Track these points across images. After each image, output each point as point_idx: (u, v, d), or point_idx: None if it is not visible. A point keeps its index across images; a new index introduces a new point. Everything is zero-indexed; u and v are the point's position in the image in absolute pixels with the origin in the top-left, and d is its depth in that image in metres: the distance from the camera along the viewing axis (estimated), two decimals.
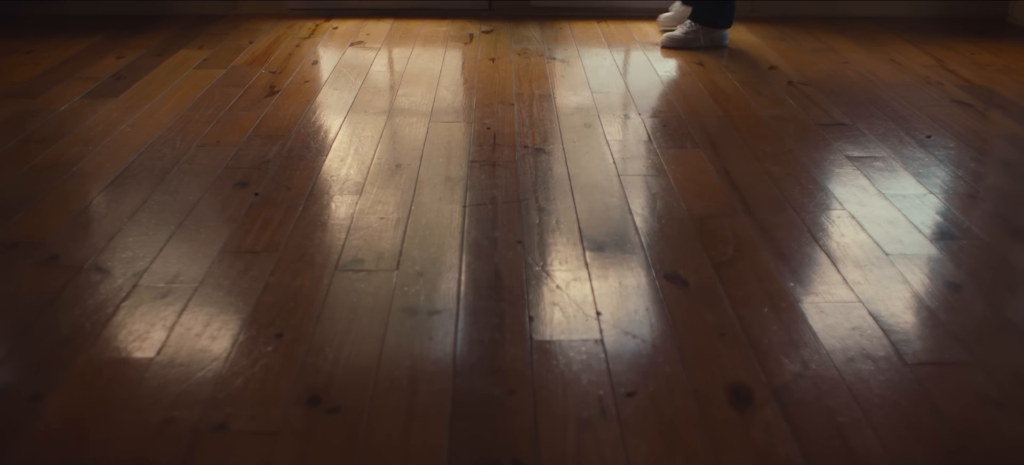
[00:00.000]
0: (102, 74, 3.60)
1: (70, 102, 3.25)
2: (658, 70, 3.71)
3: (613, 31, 4.34)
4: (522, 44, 4.06)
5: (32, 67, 3.70)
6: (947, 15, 4.78)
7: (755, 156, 2.76)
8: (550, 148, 2.80)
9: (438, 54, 3.90)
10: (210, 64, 3.73)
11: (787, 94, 3.41)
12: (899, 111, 3.25)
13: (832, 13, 4.72)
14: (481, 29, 4.32)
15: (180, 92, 3.36)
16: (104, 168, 2.66)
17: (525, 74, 3.60)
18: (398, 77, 3.58)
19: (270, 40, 4.10)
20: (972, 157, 2.85)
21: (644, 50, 4.04)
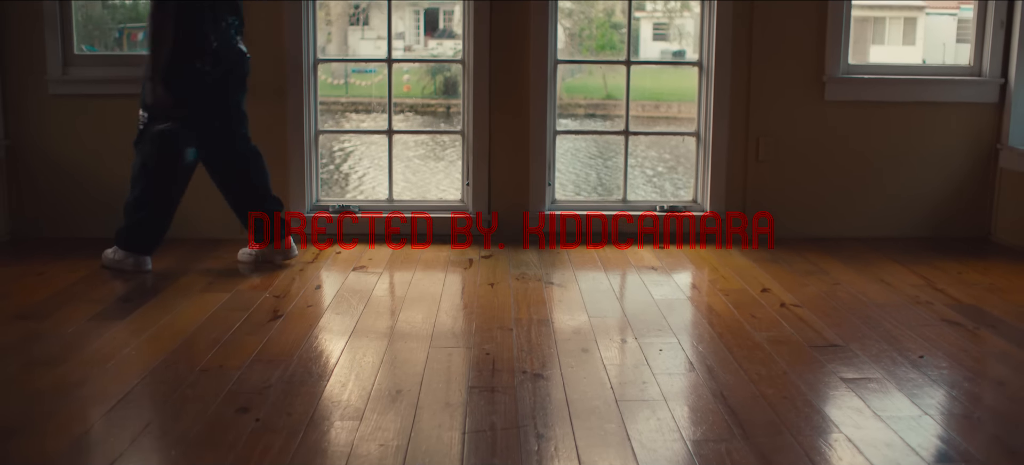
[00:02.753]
0: (109, 296, 3.68)
1: (77, 324, 3.31)
2: (653, 294, 3.80)
3: (609, 255, 4.46)
4: (520, 269, 4.17)
5: (41, 289, 3.78)
6: (933, 235, 4.92)
7: (750, 379, 2.80)
8: (548, 373, 2.84)
9: (438, 279, 4.00)
10: (216, 288, 3.81)
11: (780, 316, 3.48)
12: (891, 331, 3.31)
13: (821, 235, 4.86)
14: (480, 254, 4.44)
15: (185, 315, 3.42)
16: (107, 391, 2.68)
17: (523, 299, 3.68)
18: (399, 302, 3.65)
19: (275, 264, 4.21)
20: (966, 377, 2.88)
21: (640, 273, 4.14)
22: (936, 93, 4.85)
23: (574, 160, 7.74)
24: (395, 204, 4.89)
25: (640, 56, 6.29)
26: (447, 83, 9.07)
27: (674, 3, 8.17)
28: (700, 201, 4.90)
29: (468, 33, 4.70)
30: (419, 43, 9.90)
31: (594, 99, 8.58)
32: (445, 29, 9.80)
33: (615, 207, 4.91)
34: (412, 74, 9.33)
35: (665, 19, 8.74)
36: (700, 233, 4.82)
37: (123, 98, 4.58)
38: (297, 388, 2.70)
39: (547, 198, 4.81)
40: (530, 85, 4.70)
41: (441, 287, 3.85)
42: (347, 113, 9.14)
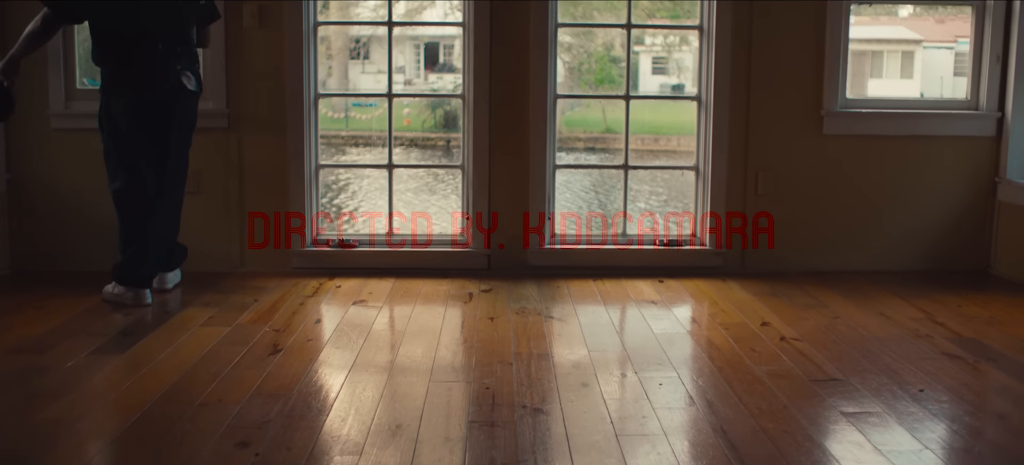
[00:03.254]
0: (110, 330, 3.68)
1: (77, 358, 3.31)
2: (653, 328, 3.80)
3: (609, 289, 4.47)
4: (520, 303, 4.17)
5: (42, 322, 3.79)
6: (932, 268, 4.92)
7: (751, 413, 2.80)
8: (548, 408, 2.83)
9: (438, 312, 4.00)
10: (215, 321, 3.81)
11: (780, 350, 3.48)
12: (891, 365, 3.31)
13: (821, 268, 4.87)
14: (480, 288, 4.45)
15: (185, 349, 3.42)
16: (106, 426, 2.68)
17: (523, 333, 3.68)
18: (399, 336, 3.66)
19: (275, 298, 4.21)
20: (966, 411, 2.88)
21: (639, 307, 4.14)
22: (933, 127, 4.87)
23: (573, 193, 7.77)
24: (395, 237, 4.90)
25: (639, 90, 6.32)
26: (447, 117, 9.11)
27: (673, 37, 8.22)
28: (699, 235, 4.91)
29: (468, 67, 4.73)
30: (419, 77, 9.95)
31: (594, 133, 8.61)
32: (445, 63, 9.86)
33: (614, 241, 4.92)
34: (412, 108, 9.37)
35: (664, 53, 8.79)
36: (699, 266, 4.83)
37: None
38: (297, 423, 2.70)
39: (546, 232, 4.83)
40: (530, 119, 4.73)
41: (441, 321, 3.85)
42: (347, 146, 9.17)
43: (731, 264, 4.86)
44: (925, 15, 9.03)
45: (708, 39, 4.77)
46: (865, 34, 9.44)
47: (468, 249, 4.81)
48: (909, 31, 9.66)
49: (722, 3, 4.68)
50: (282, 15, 4.61)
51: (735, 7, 4.70)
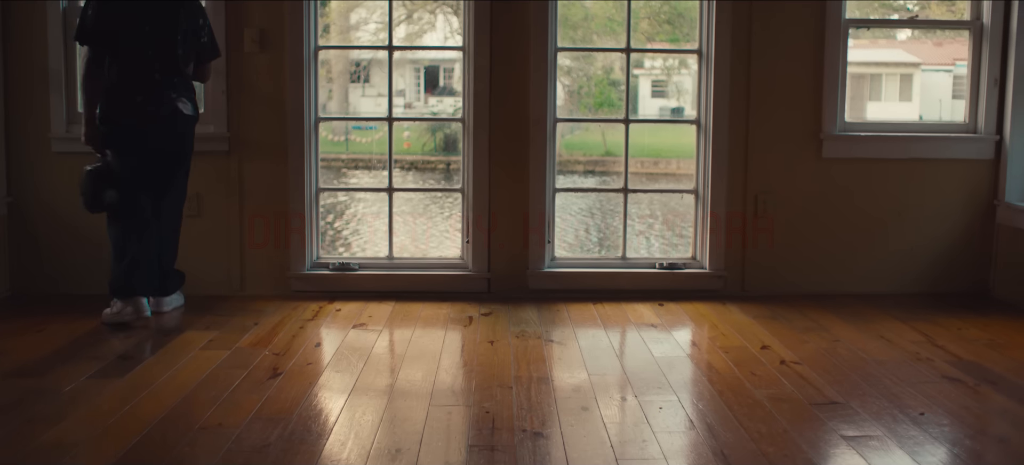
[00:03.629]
0: (110, 354, 3.68)
1: (76, 382, 3.30)
2: (653, 351, 3.80)
3: (609, 313, 4.47)
4: (520, 326, 4.17)
5: (42, 345, 3.78)
6: (932, 291, 4.92)
7: (751, 437, 2.79)
8: (548, 432, 2.83)
9: (438, 336, 4.00)
10: (215, 345, 3.81)
11: (780, 373, 3.48)
12: (891, 388, 3.30)
13: (821, 292, 4.87)
14: (480, 311, 4.45)
15: (185, 373, 3.42)
16: (106, 450, 2.68)
17: (523, 356, 3.68)
18: (399, 359, 3.65)
19: (275, 321, 4.21)
20: (967, 434, 2.88)
21: (639, 331, 4.14)
22: (932, 150, 4.89)
23: (573, 216, 7.77)
24: (395, 261, 4.91)
25: (639, 113, 6.35)
26: (447, 139, 9.13)
27: (672, 61, 8.25)
28: (699, 258, 4.92)
29: (468, 91, 4.75)
30: (419, 100, 9.98)
31: (593, 156, 8.63)
32: (445, 86, 9.89)
33: (614, 264, 4.92)
34: (412, 131, 9.40)
35: (663, 76, 8.82)
36: (699, 290, 4.83)
37: None
38: (296, 447, 2.69)
39: (547, 255, 4.83)
40: (529, 143, 4.74)
41: (441, 345, 3.85)
42: (347, 169, 9.19)
43: (731, 287, 4.86)
44: (923, 38, 9.07)
45: (707, 63, 4.79)
46: (864, 57, 9.46)
47: (468, 272, 4.81)
48: (907, 54, 9.71)
49: (721, 27, 4.71)
50: (283, 39, 4.64)
51: (734, 31, 4.72)
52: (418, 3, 7.72)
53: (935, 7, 5.73)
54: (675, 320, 4.34)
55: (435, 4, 7.97)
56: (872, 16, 5.35)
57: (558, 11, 4.78)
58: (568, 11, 5.52)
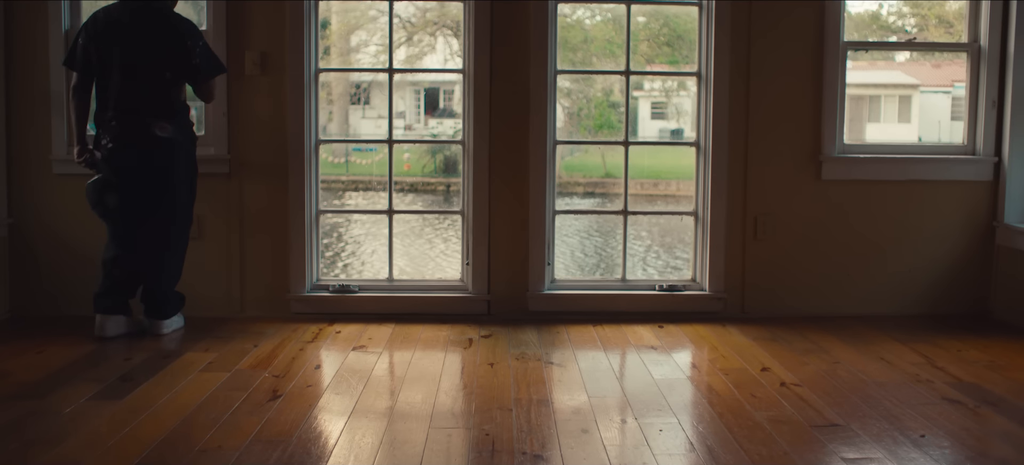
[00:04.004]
0: (109, 375, 3.68)
1: (76, 403, 3.30)
2: (653, 373, 3.80)
3: (609, 334, 4.46)
4: (520, 348, 4.17)
5: (41, 367, 3.78)
6: (932, 312, 4.93)
7: (751, 460, 2.79)
8: (548, 454, 2.83)
9: (438, 358, 3.99)
10: (215, 367, 3.81)
11: (780, 395, 3.47)
12: (891, 410, 3.30)
13: (821, 313, 4.87)
14: (480, 334, 4.45)
15: (184, 395, 3.42)
16: None
17: (523, 378, 3.68)
18: (399, 382, 3.65)
19: (275, 344, 4.21)
20: (968, 457, 2.87)
21: (639, 352, 4.14)
22: (931, 171, 4.90)
23: (573, 237, 7.77)
24: (395, 283, 4.91)
25: (639, 134, 6.36)
26: (447, 161, 9.15)
27: (672, 83, 8.27)
28: (699, 280, 4.92)
29: (468, 114, 4.76)
30: (419, 122, 10.01)
31: (593, 177, 8.65)
32: (445, 108, 9.92)
33: (614, 286, 4.93)
34: (412, 152, 9.41)
35: (663, 98, 8.84)
36: (699, 311, 4.83)
37: None
38: None
39: (546, 277, 4.84)
40: (529, 165, 4.76)
41: (441, 367, 3.85)
42: (347, 191, 9.20)
43: (731, 309, 4.86)
44: (922, 60, 9.10)
45: (706, 85, 4.81)
46: (862, 79, 9.49)
47: (468, 294, 4.81)
48: (906, 76, 9.74)
49: (720, 50, 4.73)
50: (284, 62, 4.66)
51: (733, 54, 4.74)
52: (418, 25, 7.76)
53: (933, 29, 5.76)
54: (675, 342, 4.34)
55: (435, 26, 8.01)
56: (870, 38, 5.38)
57: (558, 34, 4.80)
58: (568, 34, 5.55)
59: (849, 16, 5.03)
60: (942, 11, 5.68)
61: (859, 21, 5.59)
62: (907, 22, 5.95)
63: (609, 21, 6.36)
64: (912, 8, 5.86)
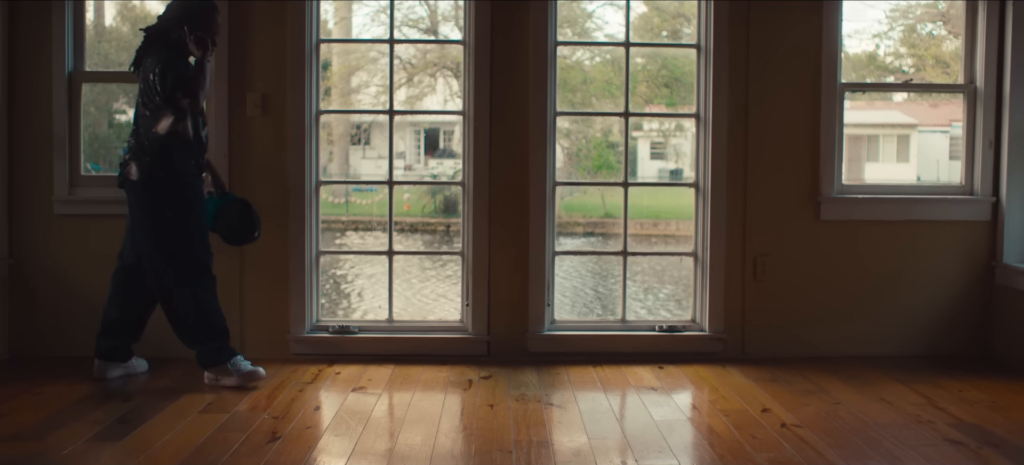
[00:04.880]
0: (107, 417, 3.67)
1: (73, 445, 3.29)
2: (654, 415, 3.78)
3: (609, 375, 4.45)
4: (520, 389, 4.16)
5: (40, 408, 3.77)
6: (932, 353, 4.92)
7: None
8: None
9: (438, 399, 3.98)
10: (214, 408, 3.80)
11: (781, 437, 3.46)
12: (893, 451, 3.29)
13: (821, 354, 4.87)
14: (480, 375, 4.44)
15: (182, 437, 3.40)
16: None
17: (523, 420, 3.67)
18: (398, 423, 3.64)
19: (274, 384, 4.20)
20: None
21: (639, 394, 4.13)
22: (929, 211, 4.91)
23: (573, 277, 7.79)
24: (395, 324, 4.90)
25: (638, 175, 6.40)
26: (447, 201, 9.18)
27: (670, 123, 8.33)
28: (698, 321, 4.92)
29: (468, 154, 4.78)
30: (419, 162, 10.06)
31: (593, 217, 8.68)
32: (445, 149, 9.98)
33: (614, 327, 4.92)
34: (412, 193, 9.45)
35: (662, 139, 8.90)
36: (699, 352, 4.83)
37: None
38: None
39: (546, 318, 4.83)
40: (529, 206, 4.77)
41: (440, 408, 3.84)
42: (348, 231, 9.22)
43: (731, 350, 4.85)
44: (920, 100, 9.15)
45: (705, 127, 4.84)
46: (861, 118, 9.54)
47: (468, 335, 4.81)
48: (904, 116, 9.80)
49: (718, 91, 4.76)
50: (285, 104, 4.69)
51: (730, 95, 4.78)
52: (419, 66, 7.81)
53: (930, 70, 5.80)
54: (675, 383, 4.33)
55: (436, 67, 8.07)
56: (868, 78, 5.42)
57: (557, 75, 4.84)
58: (567, 75, 5.60)
59: (846, 57, 5.07)
60: (939, 52, 5.72)
61: (856, 61, 5.63)
62: (904, 63, 6.00)
63: (608, 62, 6.41)
64: (909, 49, 5.91)
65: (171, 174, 4.09)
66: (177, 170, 4.10)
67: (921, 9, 5.75)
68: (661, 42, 5.07)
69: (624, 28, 4.89)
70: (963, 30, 4.95)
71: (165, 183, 4.09)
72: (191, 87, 4.04)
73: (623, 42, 4.89)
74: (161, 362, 4.58)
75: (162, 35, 4.14)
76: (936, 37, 5.79)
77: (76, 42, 4.72)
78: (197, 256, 4.17)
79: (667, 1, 6.07)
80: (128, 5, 5.51)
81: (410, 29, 7.29)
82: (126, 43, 5.29)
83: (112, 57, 5.18)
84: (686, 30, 5.64)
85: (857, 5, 5.28)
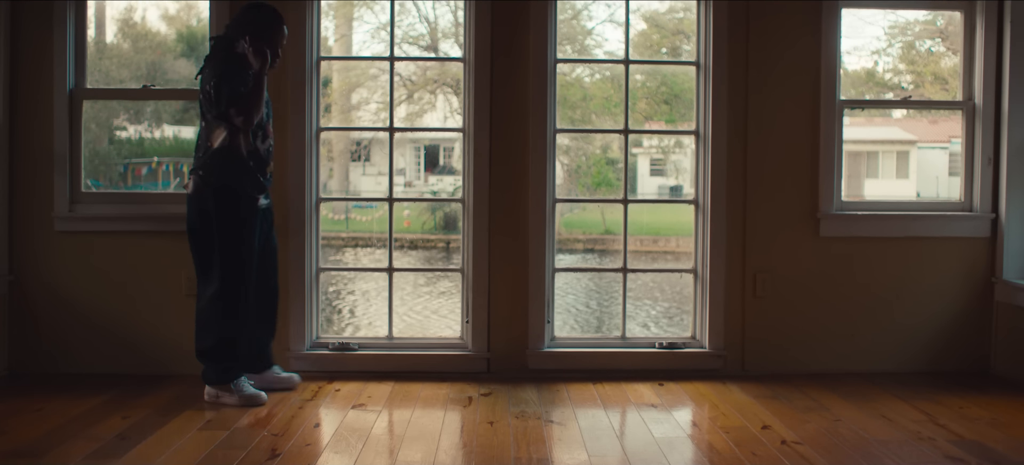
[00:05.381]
0: (107, 434, 3.66)
1: (73, 462, 3.29)
2: (654, 432, 3.78)
3: (609, 392, 4.45)
4: (520, 406, 4.16)
5: (39, 425, 3.76)
6: (933, 369, 4.91)
7: None
8: None
9: (438, 416, 3.98)
10: (213, 425, 3.79)
11: (782, 455, 3.46)
12: None
13: (821, 370, 4.86)
14: (480, 392, 4.43)
15: (181, 454, 3.40)
16: None
17: (523, 437, 3.66)
18: (398, 440, 3.63)
19: (273, 402, 4.20)
20: None
21: (639, 411, 4.12)
22: (929, 228, 4.92)
23: (573, 293, 7.79)
24: (395, 341, 4.90)
25: (638, 191, 6.41)
26: (447, 218, 9.19)
27: (670, 140, 8.34)
28: (698, 337, 4.91)
29: (468, 171, 4.79)
30: (419, 178, 10.07)
31: (593, 234, 8.68)
32: (445, 165, 9.99)
33: (614, 344, 4.92)
34: (412, 209, 9.46)
35: (661, 155, 8.91)
36: (699, 369, 4.82)
37: (129, 235, 4.68)
38: None
39: (546, 335, 4.83)
40: (529, 223, 4.78)
41: (440, 425, 3.83)
42: (347, 247, 9.22)
43: (731, 367, 4.85)
44: (919, 116, 9.17)
45: (704, 144, 4.85)
46: (860, 135, 9.56)
47: (468, 352, 4.80)
48: (903, 132, 9.83)
49: (717, 108, 4.77)
50: (285, 120, 4.70)
51: (730, 112, 4.79)
52: (419, 83, 7.83)
53: (929, 86, 5.82)
54: (675, 400, 4.32)
55: (436, 84, 8.08)
56: (867, 95, 5.43)
57: (557, 92, 4.85)
58: (567, 92, 5.61)
59: (845, 73, 5.09)
60: (937, 68, 5.74)
61: (855, 78, 5.65)
62: (903, 79, 6.02)
63: (608, 79, 6.42)
64: (908, 65, 5.93)
65: (225, 188, 4.06)
66: (232, 185, 4.07)
67: (920, 26, 5.77)
68: (660, 59, 5.08)
69: (624, 45, 4.91)
70: (961, 47, 4.97)
71: (218, 197, 4.05)
72: (245, 105, 3.99)
73: (623, 59, 4.91)
74: (160, 379, 4.57)
75: (227, 45, 4.11)
76: (935, 54, 5.82)
77: (77, 59, 4.74)
78: (240, 276, 4.11)
79: (667, 18, 6.10)
80: (129, 22, 5.53)
81: (410, 46, 7.32)
82: (127, 60, 5.31)
83: (113, 74, 5.20)
84: (686, 47, 5.66)
85: (856, 22, 5.30)
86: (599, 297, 7.66)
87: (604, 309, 7.28)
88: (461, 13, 4.88)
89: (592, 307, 7.54)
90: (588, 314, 7.41)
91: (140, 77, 5.29)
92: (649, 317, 6.97)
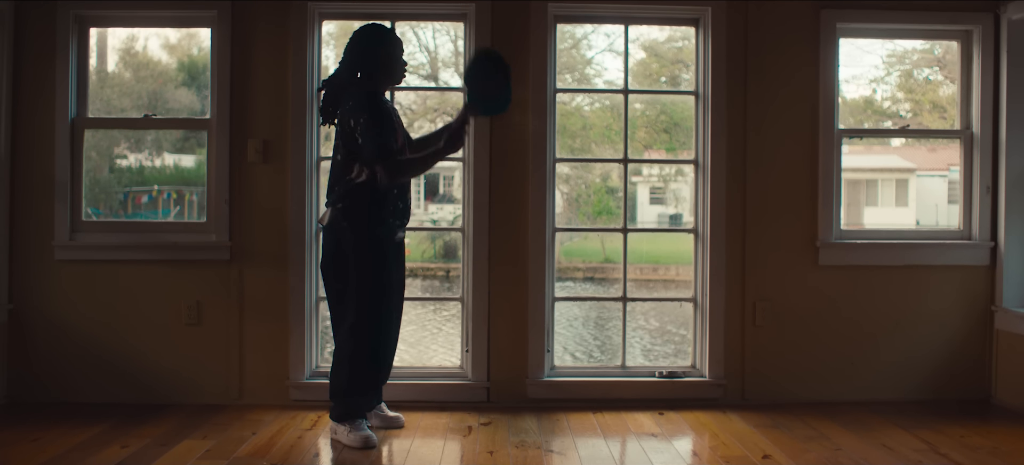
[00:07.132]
0: (105, 464, 3.65)
1: None
2: (654, 461, 3.77)
3: (609, 422, 4.44)
4: (520, 436, 4.14)
5: (36, 456, 3.75)
6: (933, 398, 4.90)
7: None
8: None
9: (437, 446, 3.97)
10: (212, 455, 3.78)
11: None
12: None
13: (821, 399, 4.85)
14: (479, 421, 4.42)
15: None
16: None
17: None
18: None
19: (273, 431, 4.18)
20: None
21: (639, 440, 4.11)
22: (928, 256, 4.92)
23: (572, 323, 7.77)
24: (394, 370, 4.89)
25: (637, 220, 6.42)
26: (446, 247, 9.19)
27: (669, 168, 8.36)
28: (698, 366, 4.91)
29: (468, 200, 4.80)
30: (419, 207, 10.08)
31: (593, 262, 8.68)
32: (445, 194, 10.00)
33: (614, 373, 4.91)
34: (412, 237, 9.45)
35: (661, 184, 8.92)
36: (699, 398, 4.81)
37: (129, 264, 4.68)
38: None
39: (546, 364, 4.82)
40: (529, 252, 4.78)
41: (440, 455, 3.82)
42: None
43: (731, 396, 4.84)
44: (917, 144, 9.20)
45: (703, 173, 4.86)
46: (859, 163, 9.58)
47: (467, 381, 4.79)
48: (902, 160, 9.85)
49: (716, 137, 4.79)
50: (286, 150, 4.72)
51: (729, 141, 4.80)
52: (419, 112, 7.85)
53: (927, 115, 5.84)
54: (675, 429, 4.31)
55: (435, 113, 8.10)
56: (865, 123, 5.46)
57: (557, 121, 4.87)
58: (567, 121, 5.63)
59: (844, 102, 5.11)
60: (936, 97, 5.77)
61: (854, 106, 5.68)
62: (901, 107, 6.04)
63: (607, 107, 6.44)
64: (906, 94, 5.96)
65: (357, 222, 3.97)
66: (367, 219, 3.97)
67: (917, 54, 5.81)
68: (660, 89, 5.10)
69: (623, 74, 4.93)
70: (958, 76, 5.00)
71: (350, 231, 3.97)
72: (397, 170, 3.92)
73: (622, 89, 4.93)
74: (159, 408, 4.56)
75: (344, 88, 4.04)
76: (933, 82, 5.85)
77: (79, 88, 4.76)
78: (377, 312, 4.01)
79: (666, 47, 6.13)
80: (131, 51, 5.56)
81: (410, 75, 7.34)
82: (128, 89, 5.34)
83: (115, 103, 5.22)
84: (685, 75, 5.69)
85: (854, 51, 5.33)
86: (598, 327, 7.65)
87: (602, 338, 7.27)
88: (461, 43, 4.90)
89: (591, 332, 7.54)
90: (590, 342, 7.40)
91: (141, 106, 5.32)
92: (649, 346, 6.96)
